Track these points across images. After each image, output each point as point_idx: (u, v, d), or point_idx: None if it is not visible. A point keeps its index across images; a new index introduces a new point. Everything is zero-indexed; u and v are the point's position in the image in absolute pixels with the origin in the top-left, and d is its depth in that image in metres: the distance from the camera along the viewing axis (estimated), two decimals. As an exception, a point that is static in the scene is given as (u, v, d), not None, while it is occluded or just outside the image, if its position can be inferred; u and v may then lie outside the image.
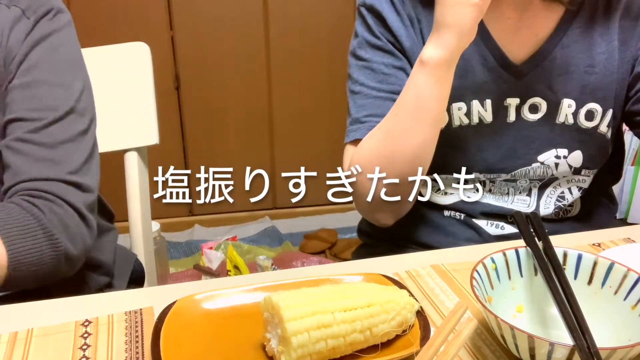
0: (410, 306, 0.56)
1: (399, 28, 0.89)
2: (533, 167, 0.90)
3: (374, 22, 0.90)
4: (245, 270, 2.13)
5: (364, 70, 0.90)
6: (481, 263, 0.58)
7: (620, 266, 0.57)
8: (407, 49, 0.89)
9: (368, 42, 0.90)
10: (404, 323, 0.54)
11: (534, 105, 0.87)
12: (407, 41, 0.89)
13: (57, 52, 0.81)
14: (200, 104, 2.43)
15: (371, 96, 0.89)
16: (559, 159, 0.89)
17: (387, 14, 0.88)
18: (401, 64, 0.89)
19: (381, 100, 0.88)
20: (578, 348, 0.47)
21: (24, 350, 0.57)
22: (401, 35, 0.89)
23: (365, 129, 0.87)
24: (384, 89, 0.89)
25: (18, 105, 0.76)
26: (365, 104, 0.89)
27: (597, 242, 0.77)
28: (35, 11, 0.79)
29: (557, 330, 0.58)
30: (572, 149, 0.89)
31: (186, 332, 0.56)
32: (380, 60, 0.89)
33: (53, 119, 0.77)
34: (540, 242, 0.61)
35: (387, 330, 0.53)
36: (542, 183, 0.92)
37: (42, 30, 0.80)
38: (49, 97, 0.78)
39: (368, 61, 0.90)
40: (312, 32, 2.36)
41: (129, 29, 2.24)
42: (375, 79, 0.89)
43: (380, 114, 0.86)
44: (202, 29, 2.33)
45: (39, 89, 0.78)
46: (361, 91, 0.90)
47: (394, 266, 0.71)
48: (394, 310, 0.53)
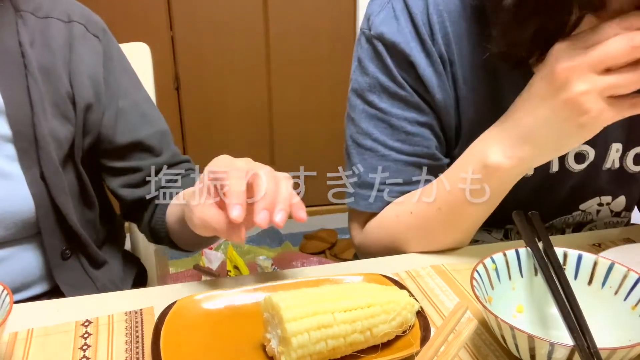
0: (410, 306, 0.55)
1: (431, 77, 0.70)
2: (573, 215, 0.82)
3: (396, 65, 0.71)
4: (245, 271, 2.12)
5: (377, 122, 0.74)
6: (481, 263, 0.58)
7: (621, 266, 0.57)
8: (437, 102, 0.72)
9: (385, 88, 0.72)
10: (404, 323, 0.54)
11: (581, 154, 0.76)
12: (440, 93, 0.71)
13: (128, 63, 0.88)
14: (200, 104, 2.43)
15: (390, 159, 0.73)
16: (602, 206, 0.82)
17: (416, 58, 0.70)
18: (427, 119, 0.73)
19: (403, 165, 0.73)
20: (578, 348, 0.47)
21: (24, 350, 0.57)
22: (433, 85, 0.71)
23: (384, 201, 0.74)
24: (406, 151, 0.73)
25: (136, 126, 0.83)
26: (381, 166, 0.74)
27: (597, 242, 0.77)
28: (95, 27, 0.82)
29: (557, 330, 0.58)
30: (616, 196, 0.82)
31: (186, 332, 0.56)
32: (401, 115, 0.72)
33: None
34: (540, 242, 0.61)
35: (388, 330, 0.53)
36: (577, 225, 0.85)
37: (113, 47, 0.85)
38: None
39: (384, 112, 0.73)
40: (312, 32, 2.36)
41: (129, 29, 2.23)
42: (395, 137, 0.73)
43: (403, 182, 0.73)
44: (202, 29, 2.33)
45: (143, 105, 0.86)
46: (375, 149, 0.74)
47: (394, 266, 0.71)
48: (394, 310, 0.53)
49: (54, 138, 0.75)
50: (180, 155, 0.88)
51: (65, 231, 0.79)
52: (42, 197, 0.75)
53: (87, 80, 0.79)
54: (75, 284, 0.80)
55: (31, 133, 0.74)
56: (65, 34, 0.79)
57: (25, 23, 0.77)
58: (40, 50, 0.76)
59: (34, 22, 0.77)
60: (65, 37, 0.78)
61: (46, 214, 0.76)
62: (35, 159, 0.75)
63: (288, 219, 0.57)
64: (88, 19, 0.82)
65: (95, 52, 0.81)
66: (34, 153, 0.75)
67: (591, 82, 0.54)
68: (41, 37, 0.77)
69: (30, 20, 0.77)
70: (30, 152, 0.75)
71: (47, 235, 0.77)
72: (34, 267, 0.79)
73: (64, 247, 0.79)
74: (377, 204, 0.75)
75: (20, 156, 0.74)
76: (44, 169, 0.75)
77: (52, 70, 0.76)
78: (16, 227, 0.75)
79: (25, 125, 0.74)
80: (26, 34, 0.76)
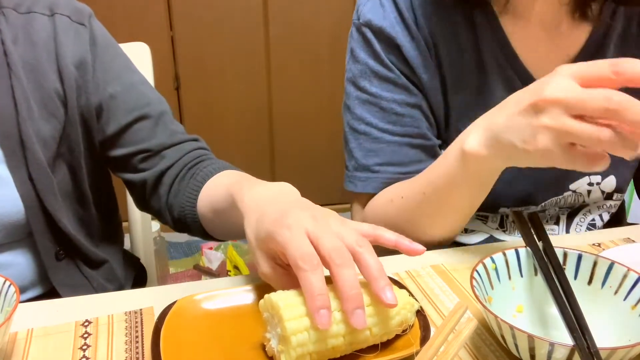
0: (410, 306, 0.55)
1: (416, 57, 0.76)
2: (564, 196, 0.84)
3: (384, 50, 0.76)
4: (245, 270, 2.12)
5: (369, 107, 0.78)
6: (481, 263, 0.58)
7: (620, 266, 0.57)
8: (424, 83, 0.77)
9: (375, 72, 0.77)
10: (403, 323, 0.54)
11: None
12: (425, 74, 0.76)
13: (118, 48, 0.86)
14: (200, 104, 2.43)
15: (383, 141, 0.78)
16: (592, 186, 0.83)
17: (402, 41, 0.75)
18: (416, 100, 0.77)
19: (396, 146, 0.78)
20: (578, 348, 0.47)
21: (24, 350, 0.57)
22: (418, 66, 0.76)
23: (379, 182, 0.78)
24: (398, 132, 0.77)
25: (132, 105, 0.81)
26: (375, 149, 0.78)
27: (597, 242, 0.77)
28: (80, 15, 0.80)
29: (557, 330, 0.58)
30: (605, 175, 0.83)
31: (186, 332, 0.56)
32: (390, 97, 0.77)
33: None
34: (540, 242, 0.61)
35: (387, 330, 0.53)
36: (571, 211, 0.87)
37: (99, 32, 0.82)
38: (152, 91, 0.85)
39: (375, 96, 0.77)
40: (312, 32, 2.36)
41: (129, 29, 2.23)
42: (386, 119, 0.77)
43: (397, 162, 0.78)
44: (202, 29, 2.33)
45: (140, 87, 0.83)
46: (369, 132, 0.78)
47: (394, 266, 0.71)
48: (394, 309, 0.53)
49: (39, 138, 0.74)
50: (182, 135, 0.84)
51: (57, 232, 0.77)
52: (30, 198, 0.74)
53: (75, 70, 0.77)
54: (71, 284, 0.80)
55: (16, 134, 0.72)
56: (49, 28, 0.77)
57: (7, 20, 0.75)
58: (23, 47, 0.75)
59: (16, 18, 0.76)
60: (50, 31, 0.77)
61: (36, 215, 0.75)
62: (22, 159, 0.73)
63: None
64: (72, 8, 0.80)
65: (81, 39, 0.79)
66: (21, 154, 0.73)
67: (556, 121, 0.53)
68: (24, 34, 0.75)
69: (12, 17, 0.76)
70: (17, 153, 0.73)
71: (39, 236, 0.76)
72: (29, 270, 0.78)
73: (58, 248, 0.78)
74: (372, 184, 0.79)
75: (7, 157, 0.73)
76: (31, 170, 0.73)
77: (37, 67, 0.75)
78: (6, 229, 0.74)
79: (10, 126, 0.72)
80: (8, 31, 0.74)
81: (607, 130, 0.51)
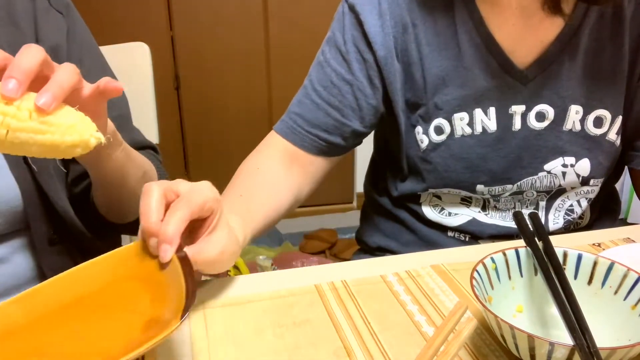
0: (86, 129, 0.52)
1: (376, 34, 0.82)
2: (539, 176, 0.86)
3: (350, 23, 0.84)
4: (245, 270, 2.13)
5: (318, 68, 0.88)
6: (481, 263, 0.58)
7: (620, 266, 0.57)
8: (379, 58, 0.83)
9: (334, 41, 0.86)
10: (78, 145, 0.52)
11: (541, 113, 0.83)
12: (382, 50, 0.82)
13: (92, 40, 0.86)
14: (200, 104, 2.44)
15: (310, 97, 0.87)
16: (566, 168, 0.85)
17: (365, 16, 0.82)
18: (351, 79, 0.84)
19: (314, 107, 0.86)
20: (578, 348, 0.47)
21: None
22: (376, 42, 0.82)
23: (287, 127, 0.88)
24: (323, 96, 0.86)
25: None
26: (302, 101, 0.88)
27: (597, 242, 0.77)
28: (59, 3, 0.80)
29: (557, 330, 0.58)
30: (579, 157, 0.85)
31: None
32: (334, 66, 0.85)
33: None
34: (540, 242, 0.61)
35: (50, 140, 0.51)
36: (550, 195, 0.89)
37: (78, 28, 0.82)
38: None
39: (326, 60, 0.87)
40: (312, 31, 2.37)
41: (129, 29, 2.24)
42: (322, 82, 0.86)
43: (308, 119, 0.86)
44: (202, 29, 2.33)
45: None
46: (306, 86, 0.88)
47: (394, 266, 0.71)
48: (70, 124, 0.51)
49: None
50: (143, 141, 0.86)
51: (53, 215, 0.77)
52: (27, 181, 0.73)
53: (51, 53, 0.76)
54: (60, 271, 0.79)
55: None
56: (30, 9, 0.77)
57: None
58: (7, 29, 0.74)
59: None
60: (30, 12, 0.77)
61: (32, 198, 0.74)
62: None
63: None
64: None
65: (59, 28, 0.79)
66: None
67: None
68: (7, 15, 0.75)
69: None
70: None
71: (34, 221, 0.75)
72: (25, 266, 0.78)
73: (52, 233, 0.77)
74: (280, 125, 0.89)
75: None
76: None
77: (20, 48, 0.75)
78: (4, 217, 0.73)
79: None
80: None
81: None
